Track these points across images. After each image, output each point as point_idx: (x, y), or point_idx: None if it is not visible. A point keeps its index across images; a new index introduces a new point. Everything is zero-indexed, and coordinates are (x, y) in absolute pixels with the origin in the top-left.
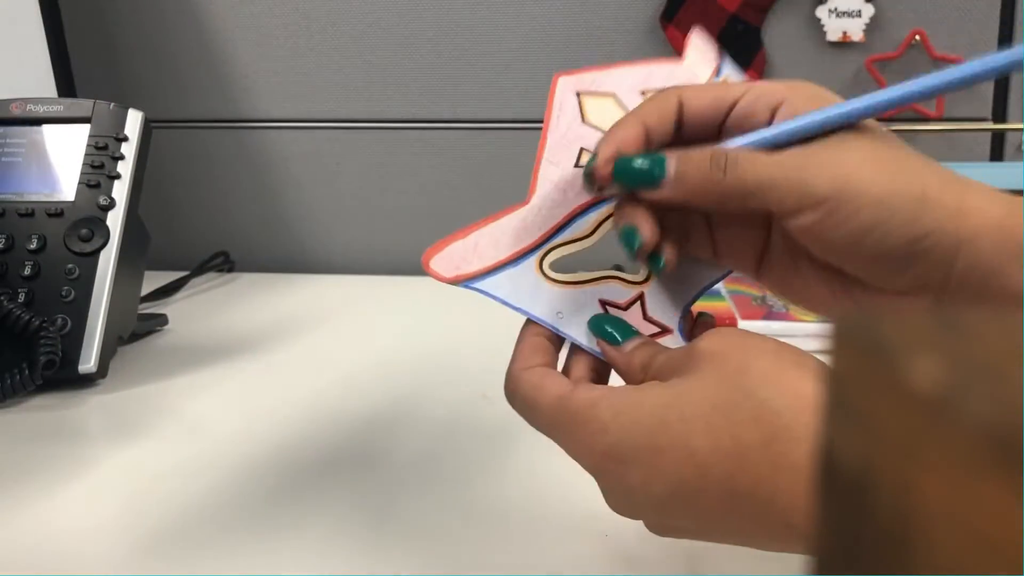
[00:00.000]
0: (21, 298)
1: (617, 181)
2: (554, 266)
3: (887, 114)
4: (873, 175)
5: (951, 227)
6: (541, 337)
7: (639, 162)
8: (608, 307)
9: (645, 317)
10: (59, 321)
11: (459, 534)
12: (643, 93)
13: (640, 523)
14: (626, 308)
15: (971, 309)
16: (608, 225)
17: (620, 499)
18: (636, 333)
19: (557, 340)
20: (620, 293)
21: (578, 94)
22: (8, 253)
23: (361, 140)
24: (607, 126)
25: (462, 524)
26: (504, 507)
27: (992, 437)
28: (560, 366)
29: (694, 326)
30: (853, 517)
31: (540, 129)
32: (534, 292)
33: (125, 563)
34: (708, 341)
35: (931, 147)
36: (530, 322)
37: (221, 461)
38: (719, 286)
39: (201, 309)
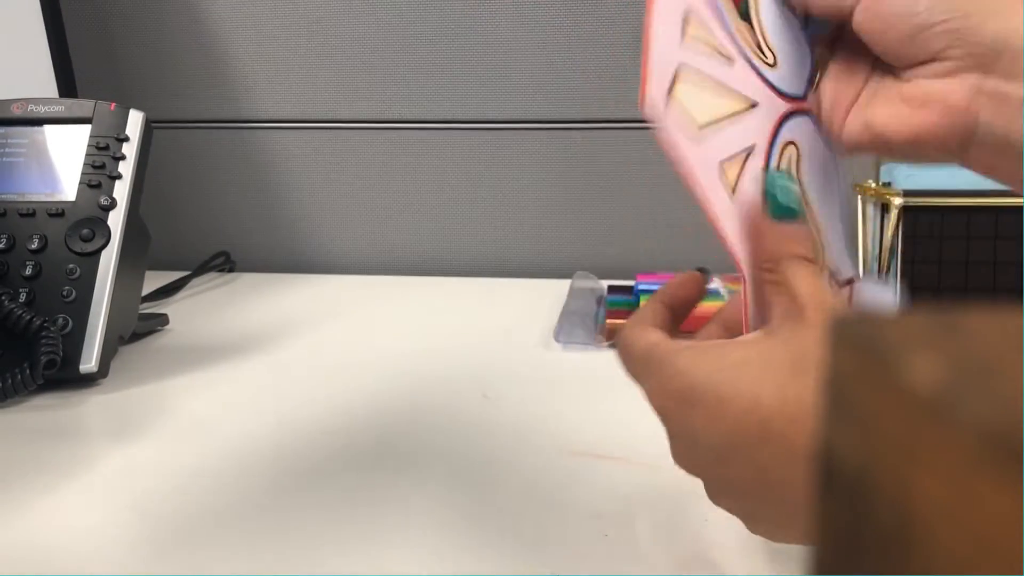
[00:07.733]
0: (22, 298)
1: None
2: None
3: None
4: None
5: None
6: (661, 304)
7: None
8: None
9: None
10: (60, 321)
11: (459, 534)
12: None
13: (639, 525)
14: None
15: (971, 309)
16: None
17: (683, 445)
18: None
19: (680, 307)
20: None
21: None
22: (9, 253)
23: (361, 140)
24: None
25: (462, 524)
26: (504, 507)
27: (991, 437)
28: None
29: None
30: (853, 517)
31: (541, 129)
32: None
33: (125, 563)
34: (807, 294)
35: None
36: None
37: (221, 461)
38: (718, 286)
39: (202, 309)
